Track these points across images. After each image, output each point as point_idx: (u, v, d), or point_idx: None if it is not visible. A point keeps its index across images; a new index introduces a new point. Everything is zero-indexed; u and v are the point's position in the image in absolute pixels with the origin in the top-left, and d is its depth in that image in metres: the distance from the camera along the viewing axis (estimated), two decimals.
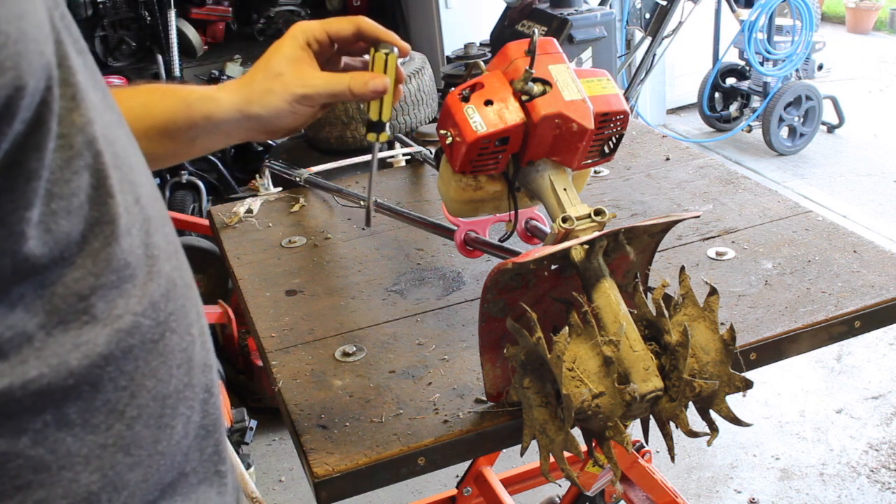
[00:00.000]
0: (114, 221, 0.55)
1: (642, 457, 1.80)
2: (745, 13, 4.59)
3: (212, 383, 0.66)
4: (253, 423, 2.58)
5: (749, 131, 5.03)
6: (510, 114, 1.04)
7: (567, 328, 0.85)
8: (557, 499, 2.11)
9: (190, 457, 0.64)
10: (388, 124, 1.00)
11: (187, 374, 0.62)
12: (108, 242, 0.54)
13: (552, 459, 0.89)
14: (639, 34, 4.47)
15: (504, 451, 1.61)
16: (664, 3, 4.12)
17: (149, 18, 4.55)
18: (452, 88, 1.08)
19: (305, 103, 0.97)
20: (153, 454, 0.59)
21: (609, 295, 0.91)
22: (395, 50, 0.98)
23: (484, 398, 1.01)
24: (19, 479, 0.52)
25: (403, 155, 1.87)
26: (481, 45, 3.54)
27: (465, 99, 1.06)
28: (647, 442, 0.98)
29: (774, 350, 1.10)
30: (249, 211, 1.60)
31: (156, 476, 0.60)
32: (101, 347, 0.54)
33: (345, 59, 1.04)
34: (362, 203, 1.48)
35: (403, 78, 0.99)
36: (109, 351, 0.55)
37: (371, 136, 1.00)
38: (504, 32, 3.54)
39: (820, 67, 5.00)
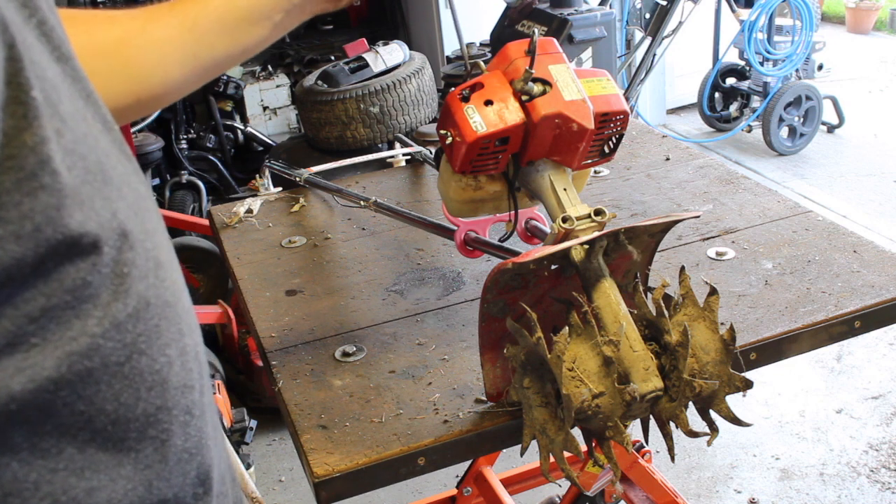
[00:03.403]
0: (76, 243, 0.51)
1: (642, 457, 1.80)
2: (745, 13, 4.59)
3: (192, 405, 0.62)
4: (253, 423, 2.57)
5: (749, 131, 5.03)
6: (510, 114, 1.04)
7: (567, 328, 0.85)
8: (557, 499, 2.11)
9: (172, 482, 0.61)
10: None
11: (160, 397, 0.58)
12: (64, 263, 0.51)
13: (552, 459, 0.89)
14: (639, 34, 4.47)
15: (504, 451, 1.61)
16: (664, 3, 4.12)
17: None
18: (452, 88, 1.08)
19: None
20: (116, 479, 0.56)
21: (609, 295, 0.91)
22: None
23: (484, 398, 1.01)
24: None
25: (403, 155, 1.87)
26: (481, 45, 3.53)
27: (465, 99, 1.06)
28: (647, 442, 0.98)
29: (774, 350, 1.10)
30: (249, 211, 1.60)
31: (126, 501, 0.57)
32: (50, 371, 0.51)
33: None
34: (362, 203, 1.48)
35: None
36: (60, 375, 0.51)
37: None
38: (504, 32, 3.54)
39: (820, 67, 5.00)
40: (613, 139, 1.12)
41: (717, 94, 5.18)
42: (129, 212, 0.56)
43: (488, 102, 1.05)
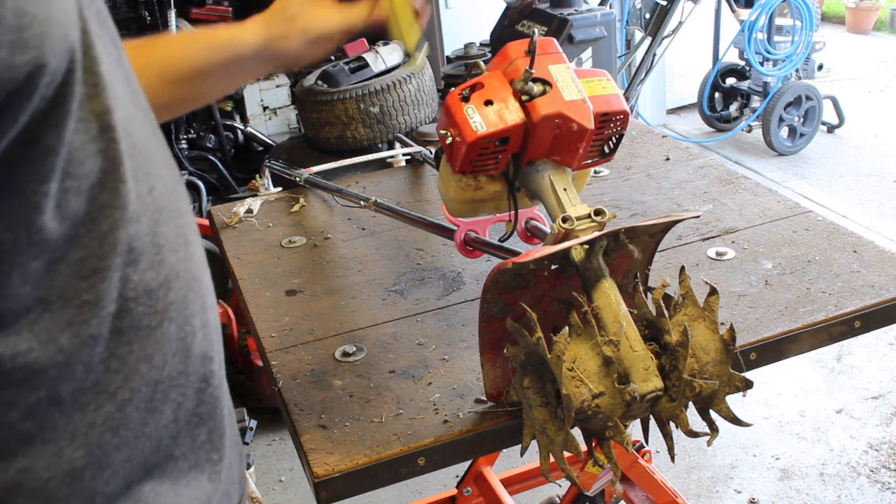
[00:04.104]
0: (123, 207, 0.57)
1: (642, 457, 1.79)
2: (745, 13, 4.58)
3: (210, 374, 0.67)
4: (253, 423, 2.57)
5: (749, 131, 5.03)
6: (510, 114, 1.04)
7: (567, 328, 0.85)
8: (557, 499, 2.11)
9: (180, 442, 0.65)
10: (418, 49, 0.97)
11: (183, 363, 0.63)
12: (116, 226, 0.56)
13: (552, 459, 0.89)
14: (639, 34, 4.47)
15: (504, 451, 1.61)
16: (664, 3, 4.12)
17: (149, 18, 4.55)
18: (452, 88, 1.08)
19: (322, 43, 1.01)
20: (139, 436, 0.61)
21: (609, 295, 0.91)
22: None
23: (484, 398, 1.01)
24: (5, 448, 0.55)
25: (403, 155, 1.87)
26: (481, 45, 3.53)
27: (465, 99, 1.06)
28: (647, 442, 0.98)
29: (774, 350, 1.10)
30: (249, 211, 1.60)
31: (140, 457, 0.61)
32: (93, 329, 0.56)
33: None
34: (362, 203, 1.48)
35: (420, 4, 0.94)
36: (99, 332, 0.56)
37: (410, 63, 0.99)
38: (504, 32, 3.54)
39: (820, 67, 4.99)
40: (613, 139, 1.12)
41: (717, 94, 5.17)
42: (164, 190, 0.62)
43: (488, 102, 1.05)
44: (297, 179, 1.66)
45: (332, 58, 4.19)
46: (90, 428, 0.58)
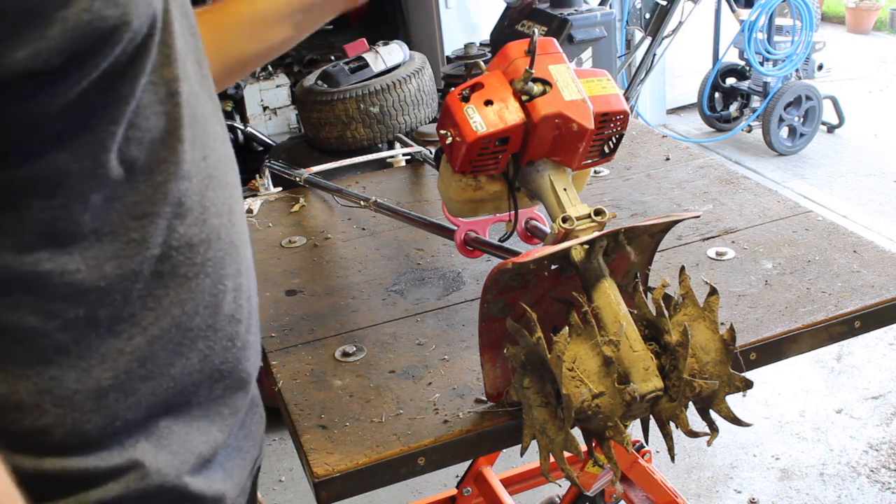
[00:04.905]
0: (178, 164, 0.64)
1: (642, 457, 1.79)
2: (745, 13, 4.58)
3: (236, 335, 0.73)
4: None
5: (749, 131, 5.03)
6: (510, 114, 1.04)
7: (567, 328, 0.85)
8: (557, 499, 2.11)
9: (200, 391, 0.71)
10: None
11: (212, 318, 0.70)
12: (169, 179, 0.64)
13: (552, 459, 0.89)
14: (639, 34, 4.47)
15: (504, 451, 1.61)
16: (664, 3, 4.12)
17: None
18: (452, 88, 1.08)
19: None
20: (164, 374, 0.67)
21: (609, 295, 0.91)
22: None
23: (484, 398, 1.01)
24: (43, 355, 0.61)
25: (403, 155, 1.87)
26: (481, 45, 3.53)
27: (465, 99, 1.06)
28: (647, 442, 0.98)
29: (774, 350, 1.10)
30: (249, 211, 1.60)
31: (163, 394, 0.67)
32: (135, 265, 0.63)
33: None
34: (362, 203, 1.48)
35: None
36: (141, 269, 0.63)
37: None
38: (504, 32, 3.54)
39: (820, 67, 4.99)
40: (613, 139, 1.12)
41: (717, 94, 5.17)
42: (216, 161, 0.70)
43: (488, 102, 1.05)
44: (297, 179, 1.66)
45: (333, 58, 4.20)
46: (119, 354, 0.64)
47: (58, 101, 0.55)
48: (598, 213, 1.01)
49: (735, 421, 0.91)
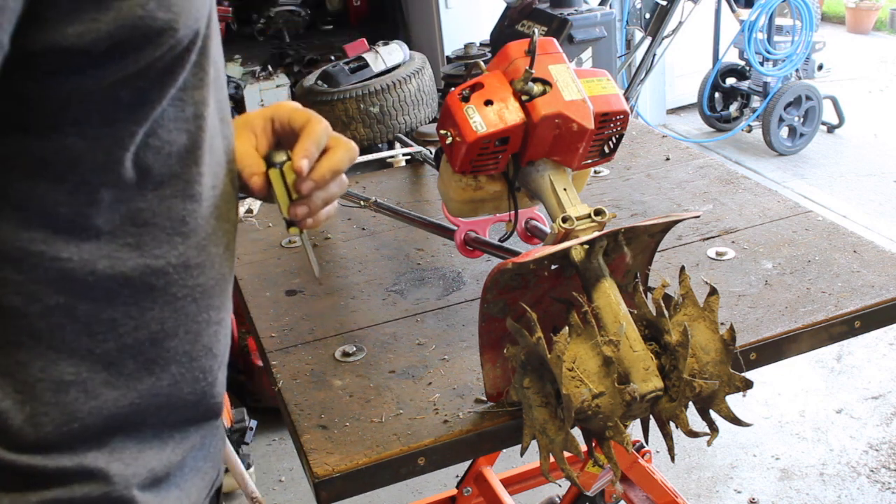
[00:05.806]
0: (190, 183, 0.65)
1: (642, 457, 1.79)
2: (745, 13, 4.58)
3: (209, 371, 0.73)
4: (253, 423, 2.57)
5: (749, 131, 5.03)
6: (510, 114, 1.04)
7: (567, 328, 0.85)
8: (557, 499, 2.11)
9: (160, 413, 0.70)
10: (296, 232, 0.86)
11: (191, 345, 0.70)
12: (177, 195, 0.65)
13: (552, 459, 0.89)
14: (639, 34, 4.47)
15: (504, 451, 1.61)
16: (664, 3, 4.12)
17: None
18: (452, 88, 1.08)
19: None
20: (131, 388, 0.67)
21: (609, 295, 0.91)
22: (286, 161, 0.81)
23: (484, 398, 1.01)
24: (16, 336, 0.61)
25: (403, 155, 1.87)
26: (481, 45, 3.53)
27: (465, 99, 1.06)
28: (647, 442, 0.98)
29: (774, 350, 1.10)
30: (249, 211, 1.60)
31: (127, 408, 0.67)
32: (127, 270, 0.63)
33: None
34: (362, 203, 1.48)
35: (304, 189, 0.81)
36: (133, 276, 0.64)
37: (291, 230, 0.87)
38: (504, 32, 3.54)
39: (820, 67, 4.99)
40: (613, 139, 1.12)
41: (717, 94, 5.17)
42: (223, 195, 0.71)
43: (488, 102, 1.05)
44: None
45: (333, 58, 4.19)
46: (88, 353, 0.64)
47: (89, 85, 0.56)
48: (598, 213, 1.01)
49: (735, 421, 0.91)
